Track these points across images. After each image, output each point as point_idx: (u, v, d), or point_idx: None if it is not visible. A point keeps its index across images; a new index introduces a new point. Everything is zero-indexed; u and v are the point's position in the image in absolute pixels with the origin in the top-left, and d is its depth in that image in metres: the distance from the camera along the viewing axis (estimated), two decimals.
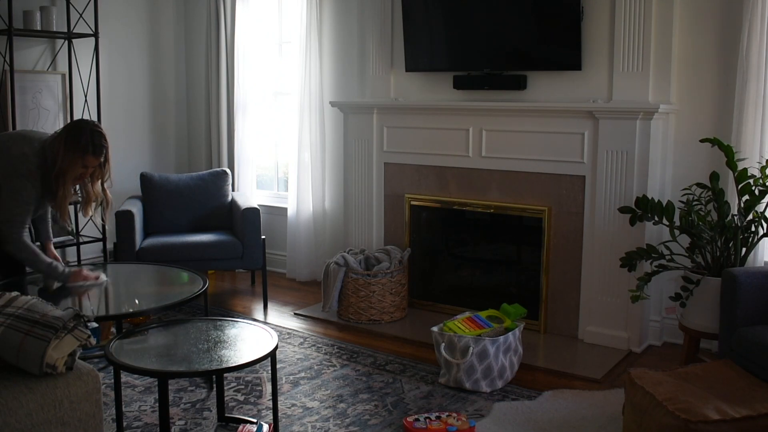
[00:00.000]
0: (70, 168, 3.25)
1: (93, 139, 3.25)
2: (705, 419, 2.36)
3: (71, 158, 3.23)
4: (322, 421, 3.14)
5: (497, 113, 4.28)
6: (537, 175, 4.19)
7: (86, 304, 3.39)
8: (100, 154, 3.28)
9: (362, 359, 3.87)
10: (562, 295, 4.20)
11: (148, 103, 5.90)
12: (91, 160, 3.27)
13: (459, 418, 3.00)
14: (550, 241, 4.19)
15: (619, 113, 3.84)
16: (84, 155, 3.24)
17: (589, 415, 3.18)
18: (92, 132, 3.28)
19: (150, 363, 2.67)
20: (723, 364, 2.86)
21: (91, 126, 3.33)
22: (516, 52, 4.27)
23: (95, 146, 3.26)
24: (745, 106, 3.62)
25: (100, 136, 3.29)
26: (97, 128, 3.33)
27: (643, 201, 3.59)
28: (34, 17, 4.88)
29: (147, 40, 5.83)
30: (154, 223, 4.93)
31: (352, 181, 4.88)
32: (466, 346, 3.41)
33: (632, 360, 3.86)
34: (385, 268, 4.44)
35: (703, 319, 3.41)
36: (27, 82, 5.04)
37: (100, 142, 3.28)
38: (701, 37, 3.85)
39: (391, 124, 4.69)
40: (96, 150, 3.26)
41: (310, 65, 5.11)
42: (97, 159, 3.28)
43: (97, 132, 3.30)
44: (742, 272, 3.07)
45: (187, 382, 3.48)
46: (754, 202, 3.35)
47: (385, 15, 4.70)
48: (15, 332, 2.24)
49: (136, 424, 3.09)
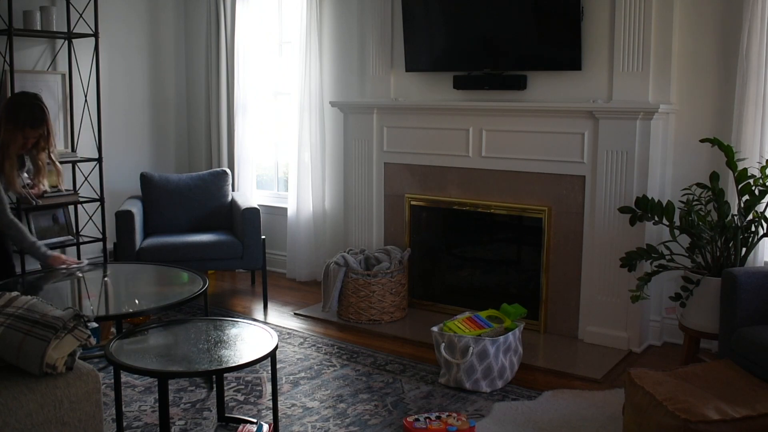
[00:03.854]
0: (12, 140, 3.50)
1: (32, 112, 3.51)
2: (705, 419, 2.36)
3: (11, 132, 3.50)
4: (322, 421, 3.14)
5: (497, 113, 4.28)
6: (537, 175, 4.19)
7: (86, 304, 3.39)
8: (39, 126, 3.53)
9: (362, 359, 3.87)
10: (562, 295, 4.20)
11: (148, 103, 5.90)
12: (30, 132, 3.52)
13: (459, 418, 3.00)
14: (550, 241, 4.19)
15: (619, 113, 3.84)
16: (23, 128, 3.49)
17: (589, 415, 3.18)
18: (31, 105, 3.54)
19: (150, 363, 2.67)
20: (723, 364, 2.86)
21: (30, 99, 3.58)
22: (516, 52, 4.27)
23: (34, 119, 3.51)
24: (745, 106, 3.62)
25: (39, 109, 3.54)
26: (37, 101, 3.58)
27: (643, 201, 3.59)
28: (34, 17, 4.88)
29: (147, 40, 5.83)
30: (154, 223, 4.93)
31: (352, 181, 4.88)
32: (466, 346, 3.41)
33: (632, 360, 3.86)
34: (385, 268, 4.44)
35: (703, 319, 3.41)
36: (27, 82, 5.04)
37: (40, 115, 3.53)
38: (701, 37, 3.85)
39: (391, 124, 4.69)
40: (35, 123, 3.51)
41: (310, 65, 5.11)
42: (36, 131, 3.53)
43: (37, 105, 3.55)
44: (742, 272, 3.07)
45: (187, 382, 3.48)
46: (754, 202, 3.35)
47: (385, 15, 4.70)
48: (15, 332, 2.24)
49: (136, 424, 3.09)
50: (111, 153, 5.50)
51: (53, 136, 3.65)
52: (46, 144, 3.62)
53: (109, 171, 5.45)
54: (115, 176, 5.56)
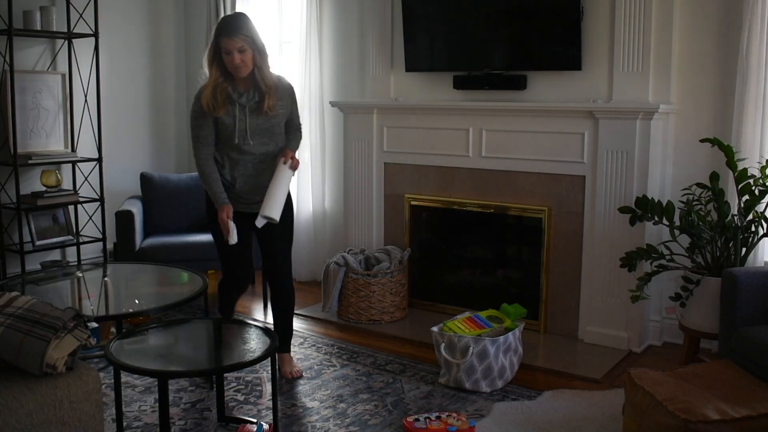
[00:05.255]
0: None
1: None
2: (705, 419, 2.36)
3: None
4: (322, 421, 3.14)
5: (497, 113, 4.28)
6: (537, 175, 4.19)
7: (86, 304, 3.39)
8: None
9: (362, 359, 3.87)
10: (562, 295, 4.20)
11: (148, 103, 5.90)
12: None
13: (459, 418, 3.00)
14: (550, 241, 4.19)
15: (619, 113, 3.84)
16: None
17: (589, 415, 3.18)
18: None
19: (150, 363, 2.67)
20: (723, 364, 2.86)
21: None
22: (516, 52, 4.27)
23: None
24: (745, 107, 3.62)
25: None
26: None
27: (643, 201, 3.60)
28: (34, 17, 4.88)
29: (147, 40, 5.83)
30: (154, 223, 4.93)
31: (352, 181, 4.88)
32: (466, 346, 3.41)
33: (632, 360, 3.86)
34: (385, 268, 4.44)
35: (703, 319, 3.41)
36: (27, 82, 5.04)
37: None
38: (701, 37, 3.85)
39: (391, 124, 4.69)
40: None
41: (310, 65, 5.11)
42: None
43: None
44: (742, 272, 3.07)
45: (187, 382, 3.48)
46: (754, 202, 3.35)
47: (385, 15, 4.70)
48: (15, 332, 2.24)
49: (136, 424, 3.09)
50: (111, 153, 5.50)
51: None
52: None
53: (109, 171, 5.45)
54: (115, 176, 5.56)
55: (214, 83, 3.28)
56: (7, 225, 5.02)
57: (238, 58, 3.20)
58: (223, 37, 3.19)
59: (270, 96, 3.30)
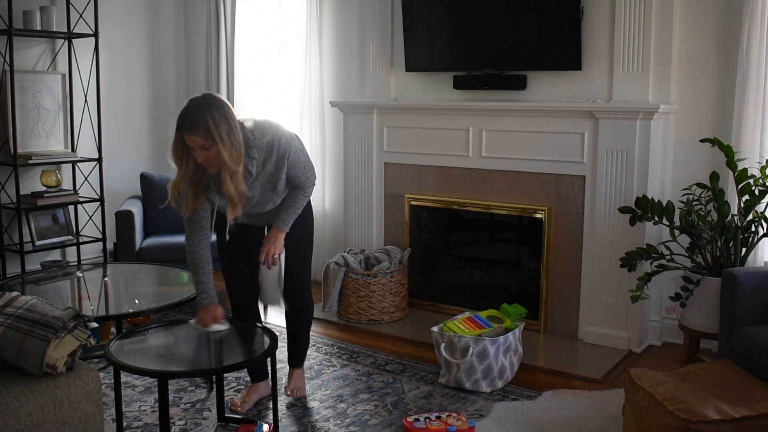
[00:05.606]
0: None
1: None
2: (705, 419, 2.36)
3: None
4: (322, 421, 3.14)
5: (497, 113, 4.28)
6: (537, 175, 4.19)
7: (86, 304, 3.40)
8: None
9: (362, 359, 3.87)
10: (562, 295, 4.20)
11: (148, 103, 5.90)
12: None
13: (459, 418, 3.00)
14: (550, 241, 4.19)
15: (619, 113, 3.84)
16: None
17: (589, 415, 3.18)
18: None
19: (150, 363, 2.67)
20: (723, 364, 2.86)
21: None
22: (516, 52, 4.27)
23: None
24: (745, 106, 3.62)
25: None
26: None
27: (643, 201, 3.59)
28: (34, 17, 4.88)
29: (147, 40, 5.83)
30: (154, 223, 4.93)
31: (352, 181, 4.88)
32: (466, 346, 3.41)
33: (632, 360, 3.86)
34: (385, 268, 4.44)
35: (703, 319, 3.41)
36: (27, 82, 5.04)
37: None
38: (701, 37, 3.85)
39: (391, 124, 4.69)
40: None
41: (310, 65, 5.11)
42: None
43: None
44: (742, 272, 3.07)
45: (187, 382, 3.48)
46: (754, 202, 3.34)
47: (385, 15, 4.70)
48: (15, 332, 2.24)
49: (136, 424, 3.09)
50: (111, 153, 5.51)
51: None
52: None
53: (109, 171, 5.46)
54: (115, 176, 5.56)
55: (182, 180, 2.81)
56: (7, 225, 5.02)
57: (202, 157, 2.69)
58: (183, 133, 2.67)
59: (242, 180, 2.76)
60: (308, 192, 3.13)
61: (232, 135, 2.69)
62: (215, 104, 2.70)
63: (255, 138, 2.80)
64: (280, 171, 2.91)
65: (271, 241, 3.04)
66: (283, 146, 2.88)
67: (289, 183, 3.02)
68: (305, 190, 3.10)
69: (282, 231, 3.06)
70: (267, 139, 2.83)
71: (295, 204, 3.09)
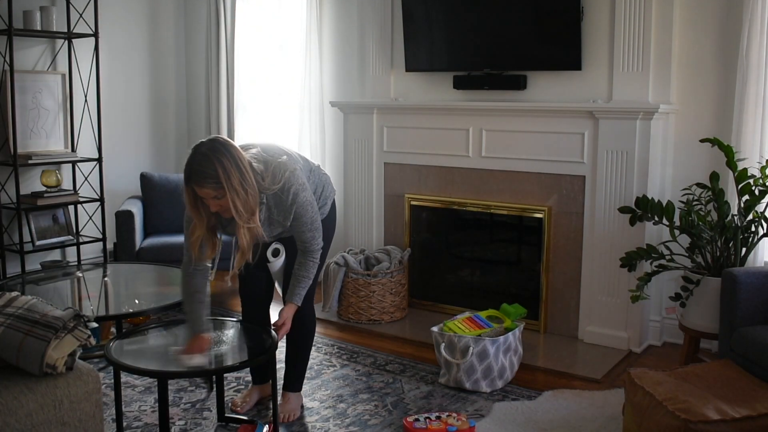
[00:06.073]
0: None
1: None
2: (705, 419, 2.36)
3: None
4: (322, 421, 3.14)
5: (497, 113, 4.28)
6: (537, 175, 4.19)
7: (86, 304, 3.39)
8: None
9: (362, 359, 3.87)
10: (562, 295, 4.20)
11: (148, 103, 5.90)
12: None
13: (459, 418, 3.00)
14: (550, 241, 4.19)
15: (619, 113, 3.84)
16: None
17: (589, 415, 3.18)
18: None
19: (150, 363, 2.67)
20: (723, 364, 2.86)
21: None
22: (516, 52, 4.27)
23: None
24: (745, 106, 3.62)
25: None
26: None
27: (643, 201, 3.60)
28: (34, 17, 4.88)
29: (147, 40, 5.83)
30: (154, 223, 4.93)
31: (352, 181, 4.88)
32: (466, 346, 3.41)
33: (632, 360, 3.86)
34: (385, 268, 4.44)
35: (703, 319, 3.41)
36: (27, 82, 5.04)
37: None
38: (701, 37, 3.85)
39: (391, 124, 4.69)
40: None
41: (310, 65, 5.11)
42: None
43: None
44: (742, 272, 3.07)
45: (187, 382, 3.48)
46: (754, 202, 3.34)
47: (385, 15, 4.70)
48: (15, 332, 2.24)
49: (136, 424, 3.09)
50: (111, 153, 5.51)
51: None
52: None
53: (109, 171, 5.45)
54: (115, 176, 5.56)
55: (201, 229, 2.74)
56: (7, 225, 5.02)
57: (215, 206, 2.61)
58: (193, 185, 2.59)
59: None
60: (316, 258, 2.91)
61: (244, 182, 2.56)
62: (222, 151, 2.54)
63: (265, 182, 2.68)
64: (286, 220, 2.80)
65: (283, 317, 2.90)
66: (291, 196, 2.74)
67: (295, 238, 2.89)
68: (313, 255, 2.90)
69: (296, 306, 2.92)
70: (278, 187, 2.70)
71: (308, 274, 2.91)
